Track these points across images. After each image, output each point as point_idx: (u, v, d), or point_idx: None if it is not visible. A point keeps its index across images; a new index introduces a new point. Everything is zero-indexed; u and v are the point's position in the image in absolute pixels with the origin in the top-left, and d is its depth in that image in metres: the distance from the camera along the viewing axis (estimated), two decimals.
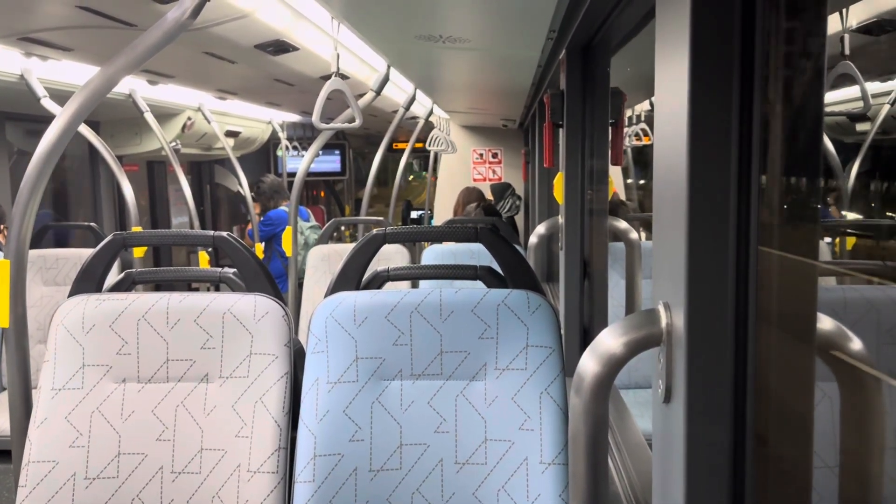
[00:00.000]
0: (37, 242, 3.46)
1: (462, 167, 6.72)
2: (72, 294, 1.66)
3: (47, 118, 1.95)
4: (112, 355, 1.55)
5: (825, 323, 0.80)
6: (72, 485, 1.49)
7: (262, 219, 5.36)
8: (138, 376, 1.55)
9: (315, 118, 2.48)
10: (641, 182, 5.49)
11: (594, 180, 2.20)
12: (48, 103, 3.27)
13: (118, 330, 1.56)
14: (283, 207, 5.17)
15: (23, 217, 1.64)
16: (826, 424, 0.83)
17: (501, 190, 5.70)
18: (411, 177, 11.48)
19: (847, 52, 1.78)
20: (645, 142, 4.41)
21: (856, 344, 0.86)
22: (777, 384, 0.78)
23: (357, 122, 2.61)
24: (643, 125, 4.44)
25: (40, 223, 3.91)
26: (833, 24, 1.77)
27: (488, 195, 5.80)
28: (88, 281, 1.70)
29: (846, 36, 1.78)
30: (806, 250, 0.78)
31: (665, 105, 0.82)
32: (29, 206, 1.64)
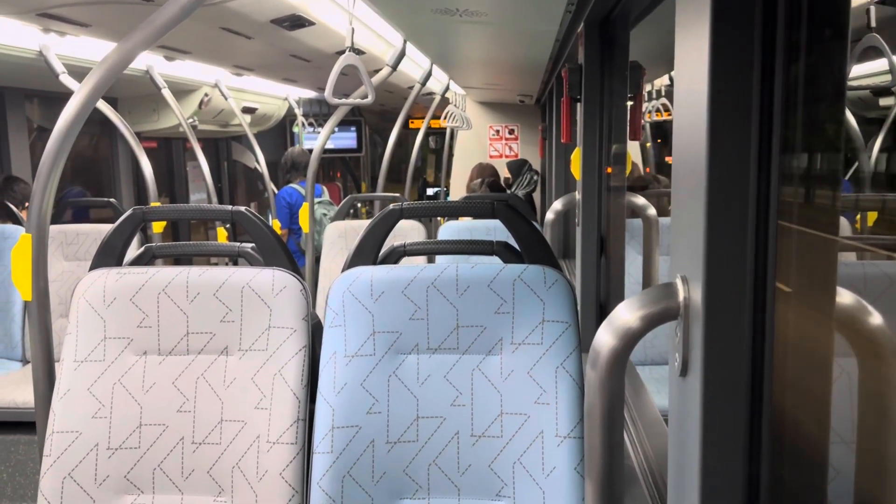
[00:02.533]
0: (58, 218, 3.50)
1: (478, 144, 6.69)
2: (93, 268, 1.68)
3: (66, 94, 1.96)
4: (133, 328, 1.58)
5: (844, 297, 0.80)
6: (95, 455, 1.52)
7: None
8: (159, 349, 1.57)
9: (328, 93, 2.47)
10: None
11: (612, 156, 2.19)
12: (66, 79, 3.29)
13: (139, 303, 1.58)
14: (294, 185, 5.16)
15: (43, 192, 1.65)
16: (844, 400, 0.82)
17: (518, 166, 5.64)
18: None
19: (874, 24, 1.74)
20: (666, 117, 4.36)
21: (876, 319, 0.85)
22: (795, 358, 0.78)
23: (370, 98, 2.60)
24: (664, 100, 4.38)
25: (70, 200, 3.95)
26: None
27: (504, 172, 5.76)
28: (109, 255, 1.72)
29: (872, 7, 1.75)
30: (825, 224, 0.77)
31: (685, 78, 0.82)
32: (49, 181, 1.65)
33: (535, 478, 1.42)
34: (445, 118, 5.83)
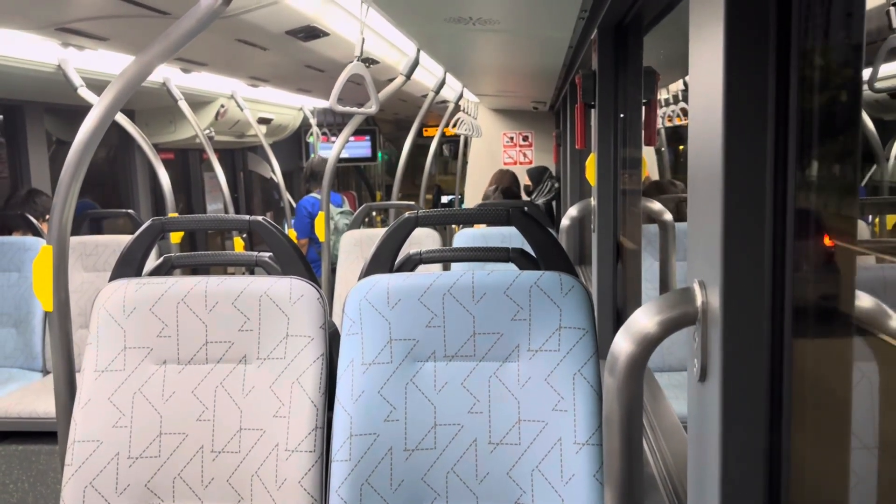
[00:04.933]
0: (77, 230, 3.53)
1: (492, 151, 6.69)
2: (112, 279, 1.70)
3: (85, 108, 1.98)
4: (153, 338, 1.59)
5: (864, 301, 0.79)
6: (115, 463, 1.54)
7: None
8: (178, 358, 1.59)
9: (332, 101, 2.46)
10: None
11: (627, 161, 2.18)
12: (85, 93, 3.33)
13: (158, 313, 1.59)
14: (314, 194, 5.17)
15: (63, 204, 1.67)
16: (865, 405, 0.82)
17: (539, 174, 5.58)
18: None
19: (895, 25, 1.73)
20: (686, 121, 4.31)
21: None
22: (814, 363, 0.77)
23: (373, 109, 2.58)
24: (682, 104, 4.36)
25: (81, 212, 3.99)
26: None
27: (525, 179, 5.72)
28: (128, 265, 1.73)
29: (892, 9, 1.74)
30: (844, 228, 0.77)
31: (700, 83, 0.81)
32: (69, 193, 1.67)
33: (553, 485, 1.42)
34: (455, 125, 5.82)
